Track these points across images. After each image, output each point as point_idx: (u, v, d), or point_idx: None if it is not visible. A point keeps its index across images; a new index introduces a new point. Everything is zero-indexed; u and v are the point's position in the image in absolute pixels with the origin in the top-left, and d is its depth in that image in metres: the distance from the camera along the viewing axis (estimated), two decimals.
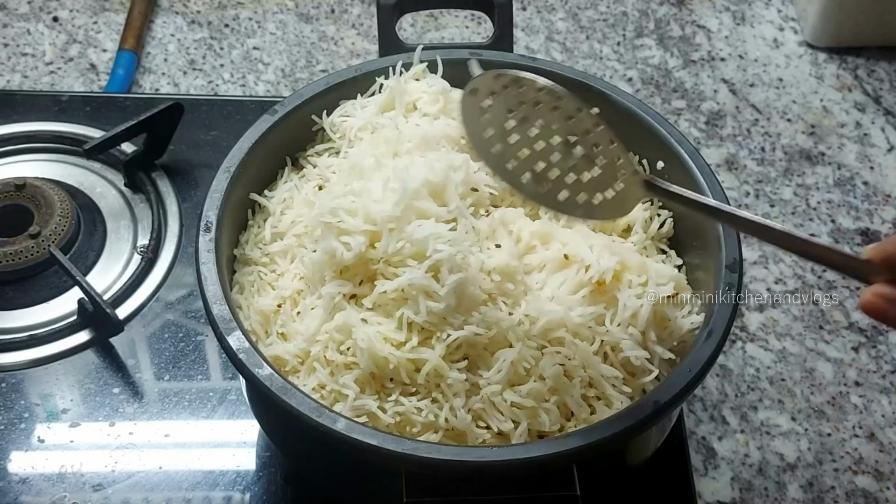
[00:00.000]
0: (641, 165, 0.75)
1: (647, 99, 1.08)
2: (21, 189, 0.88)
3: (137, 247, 0.89)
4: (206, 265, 0.66)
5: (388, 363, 0.63)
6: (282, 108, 0.75)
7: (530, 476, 0.59)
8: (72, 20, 1.14)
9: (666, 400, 0.60)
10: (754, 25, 1.16)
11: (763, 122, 1.07)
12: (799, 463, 0.84)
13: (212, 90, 1.07)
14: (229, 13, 1.15)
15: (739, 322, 0.91)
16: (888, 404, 0.87)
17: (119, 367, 0.83)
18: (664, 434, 0.70)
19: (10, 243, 0.85)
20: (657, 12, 1.17)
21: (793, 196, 1.01)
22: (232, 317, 0.64)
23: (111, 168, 0.95)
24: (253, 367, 0.61)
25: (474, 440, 0.62)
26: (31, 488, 0.76)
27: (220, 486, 0.77)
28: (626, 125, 0.75)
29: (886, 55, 1.13)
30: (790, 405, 0.87)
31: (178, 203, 0.92)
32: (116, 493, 0.76)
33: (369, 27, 1.14)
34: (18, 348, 0.83)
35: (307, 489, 0.77)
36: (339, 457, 0.64)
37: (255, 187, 0.74)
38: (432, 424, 0.62)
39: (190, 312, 0.86)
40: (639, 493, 0.76)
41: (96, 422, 0.80)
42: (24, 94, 1.02)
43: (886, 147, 1.05)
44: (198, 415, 0.80)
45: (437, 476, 0.59)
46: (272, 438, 0.73)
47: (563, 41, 1.14)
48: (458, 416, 0.62)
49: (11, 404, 0.80)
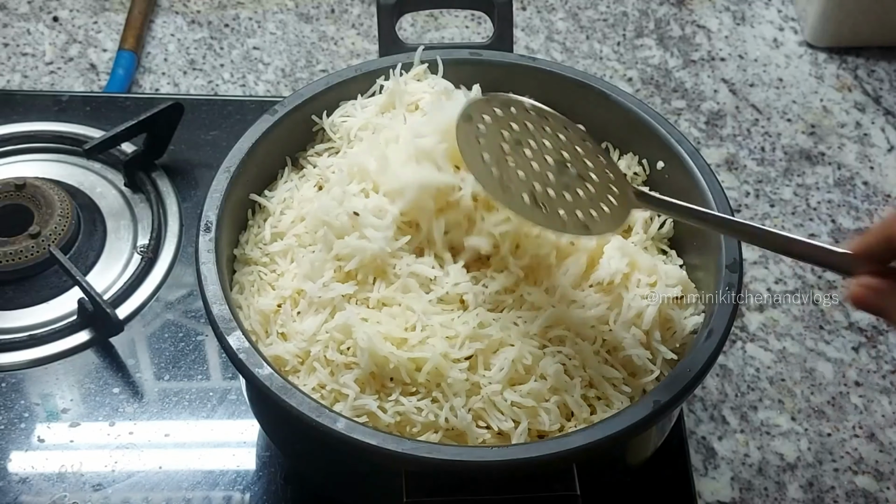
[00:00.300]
0: (642, 165, 0.76)
1: (647, 99, 1.08)
2: (21, 189, 0.88)
3: (137, 247, 0.89)
4: (206, 265, 0.66)
5: (388, 362, 0.63)
6: (282, 108, 0.75)
7: (530, 476, 0.59)
8: (72, 20, 1.14)
9: (666, 400, 0.60)
10: (754, 25, 1.16)
11: (763, 122, 1.07)
12: (799, 463, 0.84)
13: (212, 90, 1.07)
14: (229, 13, 1.15)
15: (739, 322, 0.91)
16: (888, 404, 0.87)
17: (119, 367, 0.83)
18: (664, 434, 0.70)
19: (10, 243, 0.85)
20: (657, 12, 1.17)
21: (793, 196, 1.01)
22: (232, 317, 0.64)
23: (111, 168, 0.95)
24: (253, 366, 0.61)
25: (474, 440, 0.62)
26: (31, 488, 0.76)
27: (220, 486, 0.77)
28: (626, 125, 0.75)
29: (886, 55, 1.13)
30: (790, 405, 0.87)
31: (178, 203, 0.92)
32: (116, 493, 0.76)
33: (369, 27, 1.14)
34: (18, 348, 0.83)
35: (307, 489, 0.77)
36: (339, 457, 0.64)
37: (255, 187, 0.74)
38: (432, 424, 0.62)
39: (190, 312, 0.86)
40: (639, 493, 0.76)
41: (96, 422, 0.80)
42: (24, 94, 1.02)
43: (886, 147, 1.05)
44: (198, 415, 0.80)
45: (437, 476, 0.59)
46: (272, 438, 0.73)
47: (563, 41, 1.14)
48: (458, 416, 0.62)
49: (11, 404, 0.80)
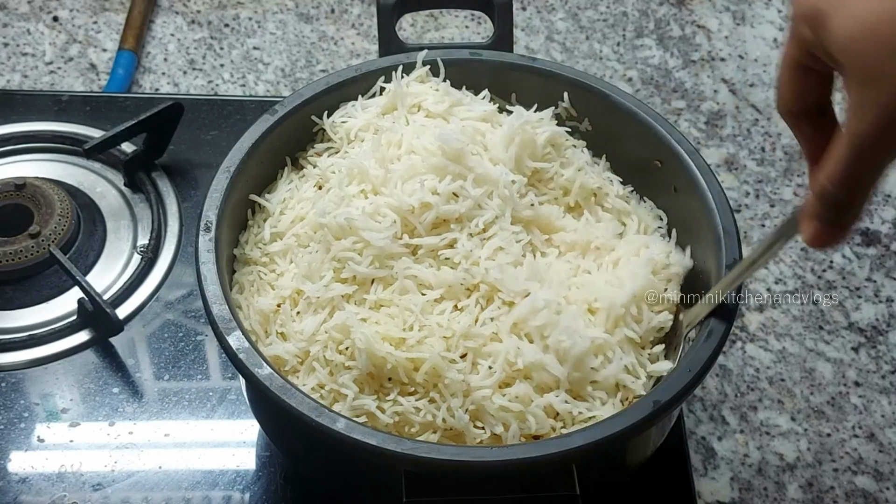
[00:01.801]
0: (641, 165, 0.76)
1: (647, 99, 1.08)
2: (21, 189, 0.88)
3: (137, 247, 0.89)
4: (205, 265, 0.66)
5: (385, 362, 0.63)
6: (282, 108, 0.75)
7: (530, 476, 0.59)
8: (72, 20, 1.14)
9: (666, 400, 0.60)
10: (754, 25, 1.16)
11: (763, 122, 1.07)
12: (798, 463, 0.84)
13: (212, 90, 1.07)
14: (229, 13, 1.15)
15: (739, 322, 0.91)
16: (888, 404, 0.87)
17: (119, 367, 0.83)
18: (664, 434, 0.70)
19: (10, 243, 0.85)
20: (657, 12, 1.17)
21: (793, 196, 1.01)
22: (232, 317, 0.64)
23: (111, 168, 0.95)
24: (253, 367, 0.61)
25: (472, 440, 0.62)
26: (30, 488, 0.76)
27: (219, 486, 0.77)
28: (626, 125, 0.75)
29: None
30: (790, 405, 0.87)
31: (178, 203, 0.92)
32: (116, 493, 0.76)
33: (369, 27, 1.14)
34: (18, 348, 0.83)
35: (307, 489, 0.77)
36: (338, 457, 0.64)
37: (254, 187, 0.74)
38: (430, 424, 0.62)
39: (190, 312, 0.86)
40: (639, 493, 0.76)
41: (96, 421, 0.80)
42: (24, 94, 1.02)
43: None
44: (197, 414, 0.80)
45: (437, 476, 0.59)
46: (272, 438, 0.73)
47: (563, 41, 1.14)
48: (455, 416, 0.62)
49: (11, 404, 0.80)
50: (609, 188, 0.74)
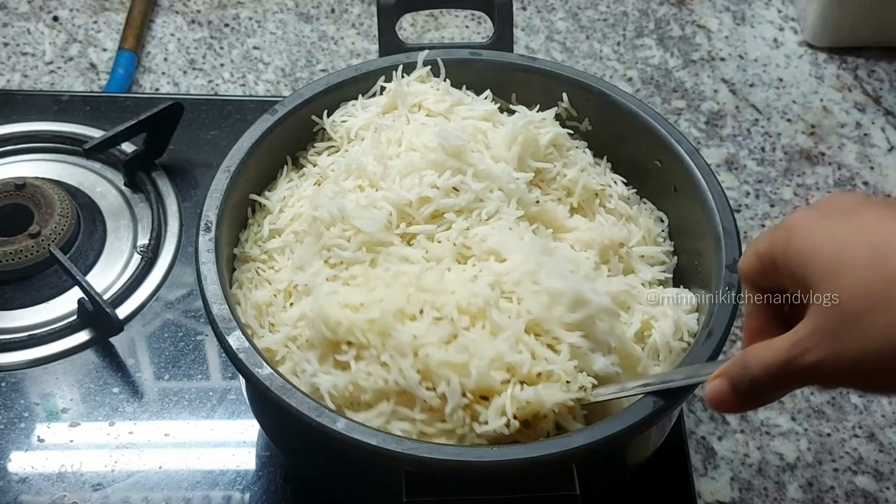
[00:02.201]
0: (641, 165, 0.76)
1: (647, 99, 1.08)
2: (21, 189, 0.88)
3: (137, 246, 0.89)
4: (205, 265, 0.66)
5: (340, 325, 0.61)
6: (282, 108, 0.75)
7: (530, 476, 0.59)
8: (72, 20, 1.14)
9: (666, 400, 0.60)
10: (754, 25, 1.16)
11: (763, 122, 1.07)
12: (798, 463, 0.84)
13: (212, 90, 1.07)
14: (229, 13, 1.15)
15: (739, 322, 0.91)
16: (888, 404, 0.87)
17: (119, 367, 0.83)
18: (664, 434, 0.70)
19: (10, 243, 0.85)
20: (657, 12, 1.17)
21: (793, 196, 1.01)
22: (232, 316, 0.64)
23: (111, 168, 0.95)
24: (253, 366, 0.61)
25: (423, 403, 0.60)
26: (30, 488, 0.76)
27: (219, 486, 0.77)
28: (626, 125, 0.75)
29: (886, 55, 1.13)
30: (790, 405, 0.87)
31: (178, 203, 0.92)
32: (116, 493, 0.76)
33: (369, 27, 1.14)
34: (18, 348, 0.83)
35: (307, 489, 0.77)
36: (338, 457, 0.64)
37: (254, 187, 0.74)
38: (384, 392, 0.61)
39: (190, 312, 0.86)
40: (639, 493, 0.76)
41: (96, 421, 0.80)
42: (24, 94, 1.02)
43: (886, 147, 1.05)
44: (197, 414, 0.80)
45: (437, 476, 0.59)
46: (272, 438, 0.73)
47: (563, 41, 1.14)
48: (406, 377, 0.60)
49: (11, 404, 0.80)
50: (612, 189, 0.74)
